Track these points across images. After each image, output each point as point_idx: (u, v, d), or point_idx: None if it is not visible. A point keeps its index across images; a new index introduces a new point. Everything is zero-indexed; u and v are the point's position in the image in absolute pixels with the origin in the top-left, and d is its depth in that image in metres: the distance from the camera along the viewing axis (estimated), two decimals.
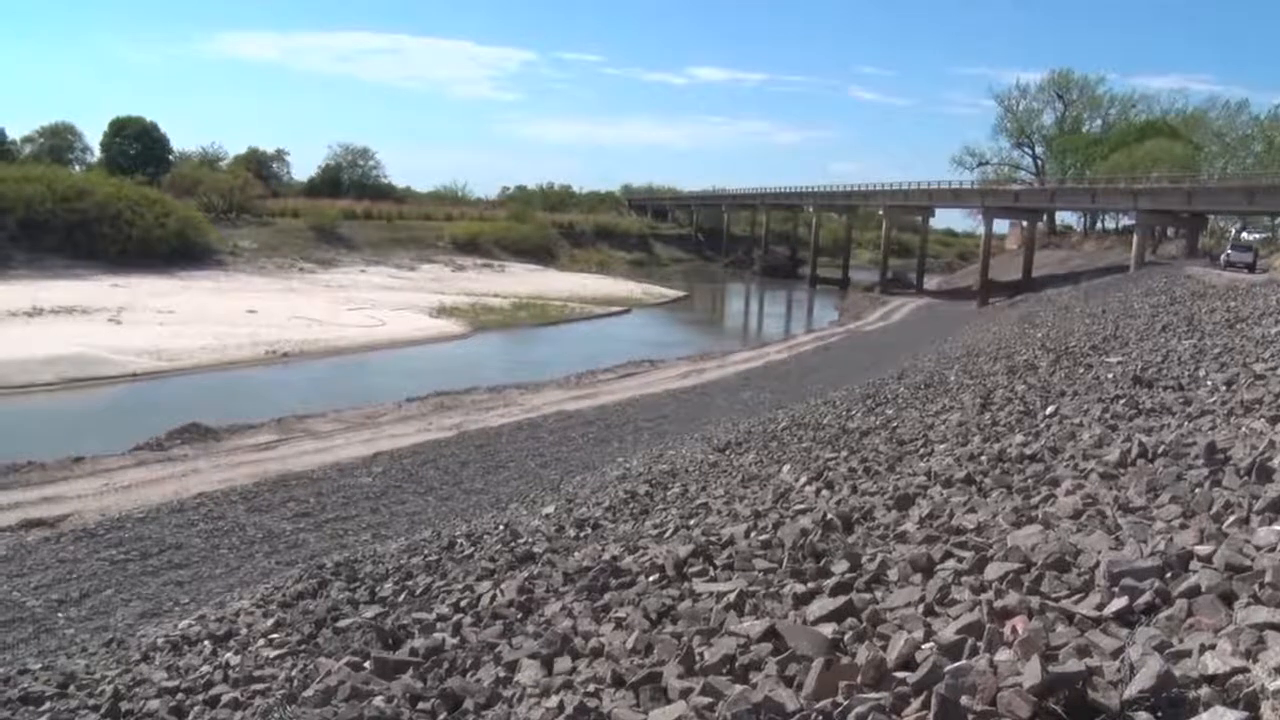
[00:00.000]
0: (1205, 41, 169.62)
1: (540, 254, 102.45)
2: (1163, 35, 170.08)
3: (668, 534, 11.35)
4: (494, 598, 9.88)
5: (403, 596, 11.43)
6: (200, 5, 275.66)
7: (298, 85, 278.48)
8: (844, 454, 15.08)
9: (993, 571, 6.13)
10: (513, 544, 13.25)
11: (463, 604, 10.16)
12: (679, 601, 7.60)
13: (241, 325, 46.14)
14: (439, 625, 9.32)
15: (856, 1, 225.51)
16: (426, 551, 14.31)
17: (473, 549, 13.75)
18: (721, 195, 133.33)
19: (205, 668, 10.37)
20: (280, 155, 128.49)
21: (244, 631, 11.56)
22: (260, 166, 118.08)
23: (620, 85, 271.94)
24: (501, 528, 15.13)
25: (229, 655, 10.58)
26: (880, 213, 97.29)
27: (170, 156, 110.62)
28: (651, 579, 8.58)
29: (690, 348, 49.53)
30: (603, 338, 53.46)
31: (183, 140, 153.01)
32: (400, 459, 23.82)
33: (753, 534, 9.48)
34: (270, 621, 11.63)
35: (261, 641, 10.79)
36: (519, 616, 8.91)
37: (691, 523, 11.81)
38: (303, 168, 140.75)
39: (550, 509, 16.48)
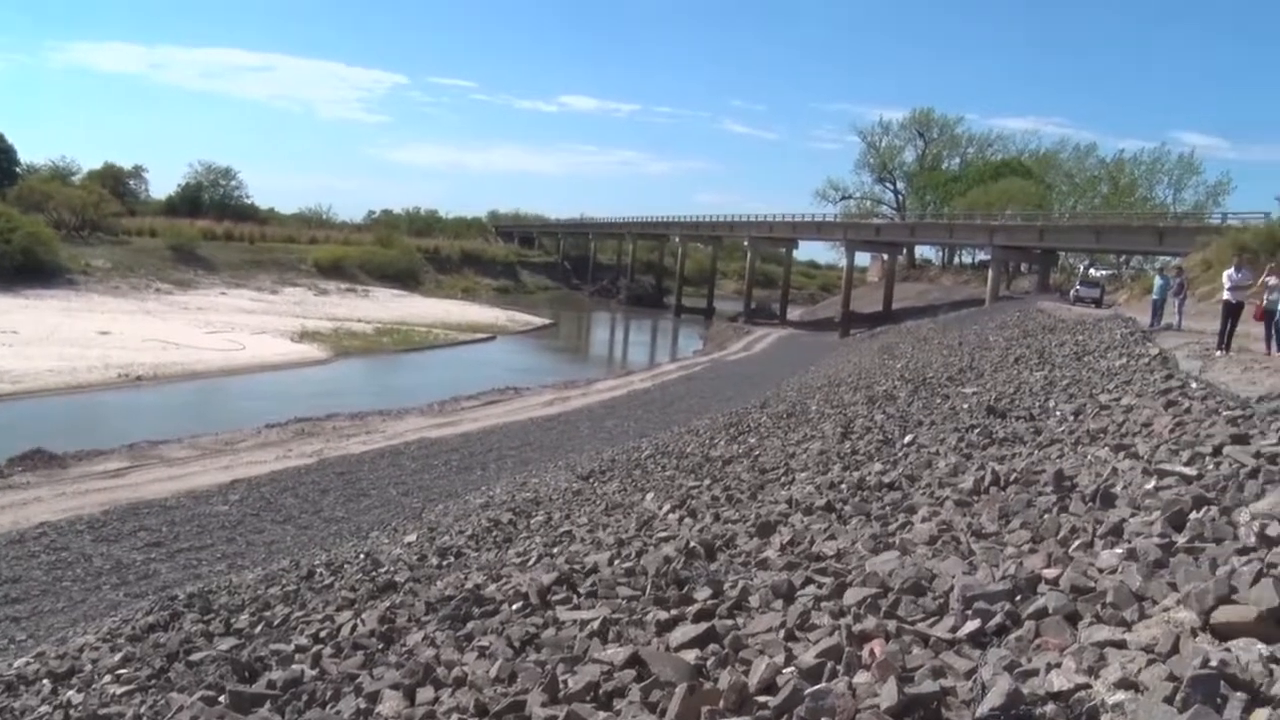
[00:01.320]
0: (1058, 87, 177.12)
1: (406, 279, 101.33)
2: (1019, 80, 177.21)
3: (531, 562, 11.30)
4: (355, 628, 9.68)
5: (260, 628, 11.13)
6: (54, 12, 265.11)
7: (161, 100, 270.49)
8: (707, 482, 15.20)
9: (852, 596, 6.24)
10: (374, 573, 13.03)
11: (322, 635, 9.93)
12: (543, 629, 7.56)
13: (93, 347, 44.52)
14: (298, 657, 9.08)
15: (728, 36, 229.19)
16: (285, 581, 13.96)
17: (333, 578, 13.48)
18: (589, 224, 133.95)
19: (44, 708, 9.87)
20: (138, 171, 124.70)
21: (88, 668, 11.06)
22: (116, 183, 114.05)
23: (491, 112, 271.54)
24: (362, 557, 14.86)
25: (71, 694, 10.10)
26: (745, 243, 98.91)
27: (17, 169, 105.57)
28: (515, 607, 8.52)
29: (555, 375, 49.53)
30: (468, 364, 53.04)
31: (32, 153, 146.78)
32: (258, 487, 23.24)
33: (616, 562, 9.50)
34: (118, 656, 11.17)
35: (108, 678, 10.34)
36: (380, 646, 8.75)
37: (555, 550, 11.78)
38: (162, 186, 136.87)
39: (412, 537, 16.26)
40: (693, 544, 9.32)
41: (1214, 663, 3.82)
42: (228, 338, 52.39)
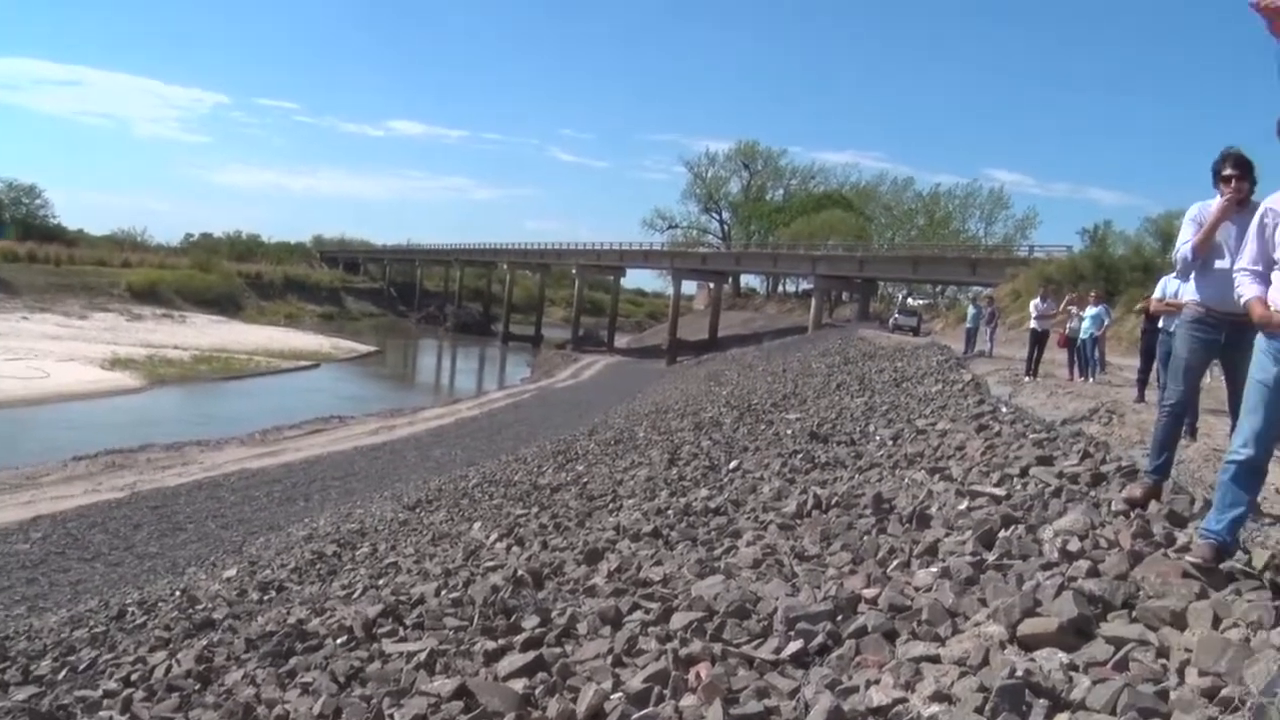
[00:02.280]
0: (877, 123, 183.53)
1: (226, 305, 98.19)
2: (840, 115, 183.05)
3: (356, 594, 11.04)
4: (169, 668, 9.27)
5: (63, 674, 10.53)
6: None
7: None
8: (535, 510, 15.13)
9: (678, 621, 6.29)
10: (190, 610, 12.52)
11: (134, 678, 9.46)
12: (368, 663, 7.39)
13: None
14: (106, 703, 8.63)
15: (557, 64, 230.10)
16: (92, 623, 13.28)
17: (146, 617, 12.89)
18: (416, 250, 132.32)
19: None
20: None
21: None
22: None
23: (316, 134, 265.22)
24: (178, 593, 14.28)
25: None
26: (573, 271, 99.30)
27: None
28: (339, 641, 8.31)
29: (382, 403, 48.65)
30: (291, 392, 51.65)
31: None
32: (64, 522, 22.08)
33: (443, 592, 9.36)
34: None
35: None
36: (197, 687, 8.40)
37: (381, 582, 11.54)
38: None
39: (232, 572, 15.71)
40: (520, 572, 9.26)
41: (1020, 672, 4.00)
42: (30, 365, 49.71)
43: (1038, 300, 23.25)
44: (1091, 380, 19.84)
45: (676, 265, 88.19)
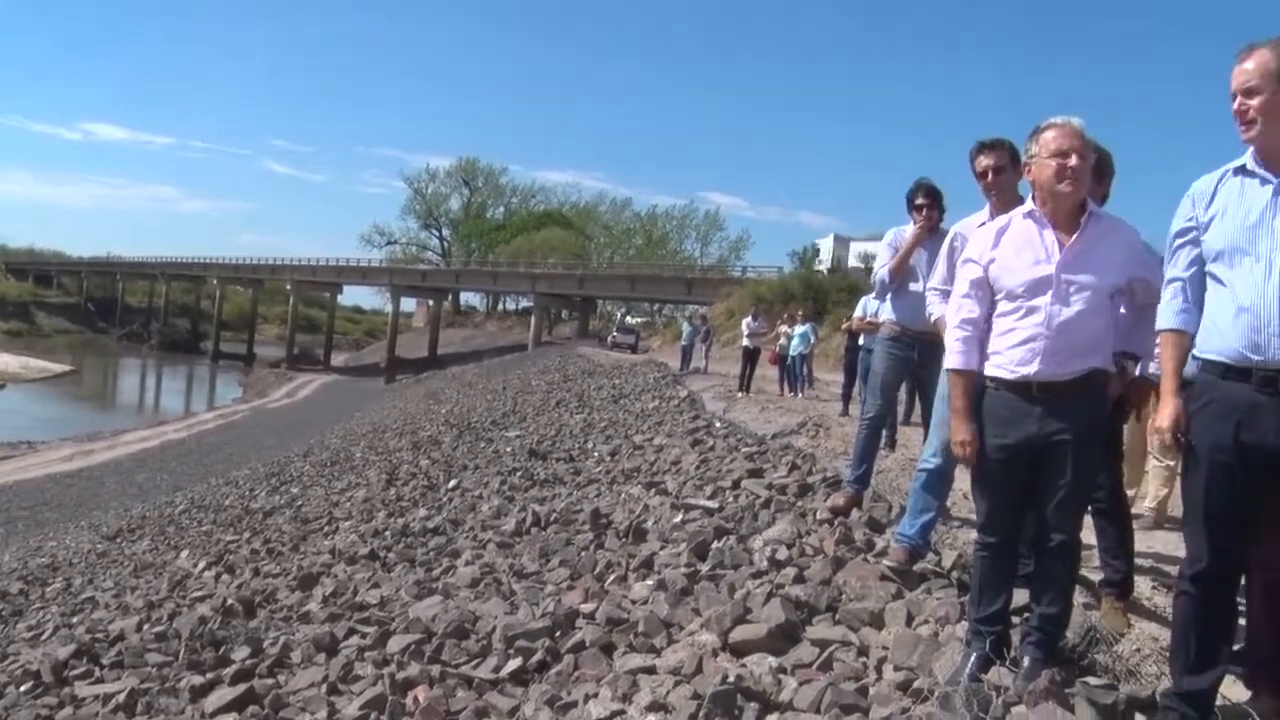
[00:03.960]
0: (597, 144, 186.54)
1: None
2: (560, 135, 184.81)
3: (45, 635, 10.26)
4: None
5: None
6: None
7: None
8: (246, 535, 14.55)
9: (395, 644, 6.19)
10: None
11: None
12: (58, 710, 6.89)
13: None
14: None
15: (269, 72, 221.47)
16: None
17: None
18: (117, 263, 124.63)
19: None
20: None
21: None
22: None
23: (1, 134, 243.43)
24: None
25: None
26: (288, 287, 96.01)
27: None
28: (24, 689, 7.69)
29: (78, 426, 45.49)
30: None
31: None
32: None
33: (146, 627, 8.86)
34: None
35: None
36: None
37: (75, 620, 10.79)
38: None
39: None
40: (230, 601, 8.89)
41: (731, 678, 4.13)
42: None
43: (750, 319, 24.18)
44: (800, 395, 20.77)
45: (395, 282, 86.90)
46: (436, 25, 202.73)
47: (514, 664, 5.36)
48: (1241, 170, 3.35)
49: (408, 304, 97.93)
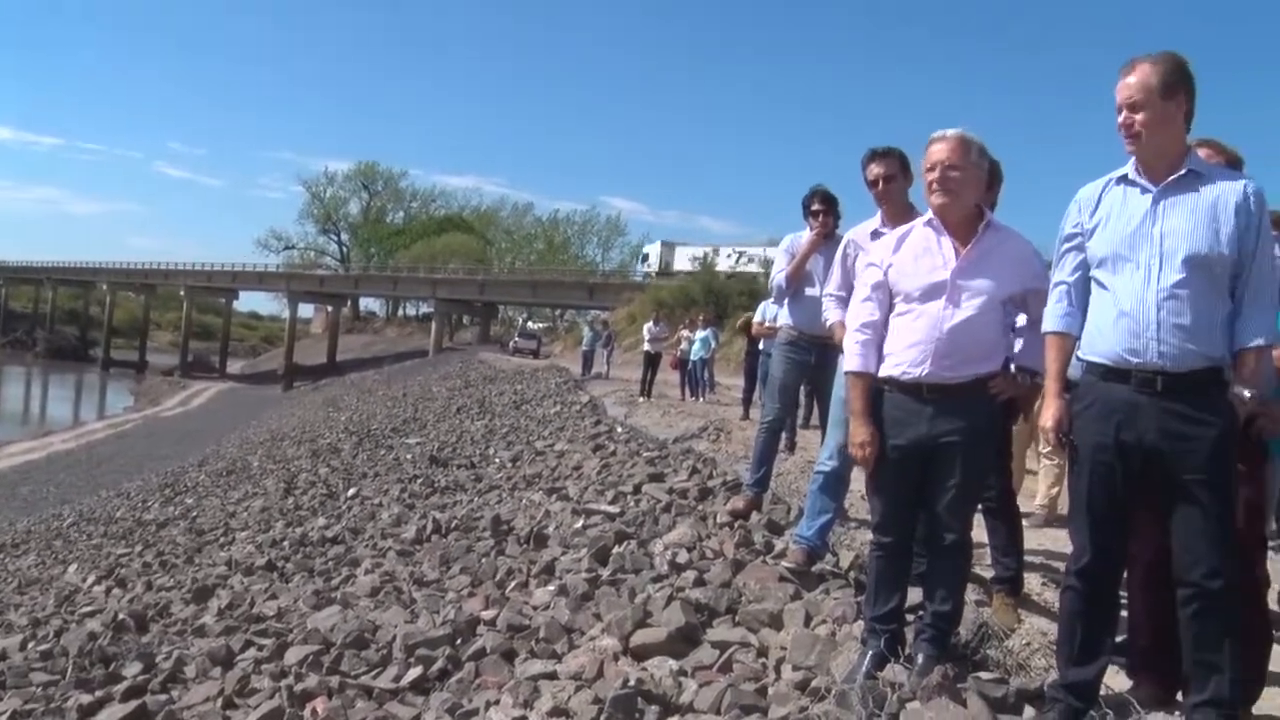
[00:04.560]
0: (499, 148, 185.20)
1: None
2: (461, 139, 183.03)
3: None
4: None
5: None
6: None
7: None
8: (139, 548, 14.21)
9: (293, 656, 6.11)
10: None
11: None
12: None
13: None
14: None
15: (164, 72, 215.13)
16: None
17: None
18: (0, 267, 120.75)
19: None
20: None
21: None
22: None
23: None
24: None
25: None
26: (182, 293, 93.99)
27: None
28: None
29: None
30: None
31: None
32: None
33: (31, 645, 8.61)
34: None
35: None
36: None
37: None
38: None
39: None
40: (122, 616, 8.68)
41: (632, 682, 4.15)
42: None
43: (651, 324, 24.30)
44: (702, 400, 20.91)
45: (293, 287, 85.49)
46: (329, 28, 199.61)
47: (414, 673, 5.32)
48: (1124, 179, 3.47)
49: (305, 310, 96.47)
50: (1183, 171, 3.38)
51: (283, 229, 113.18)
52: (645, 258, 72.01)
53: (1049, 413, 3.49)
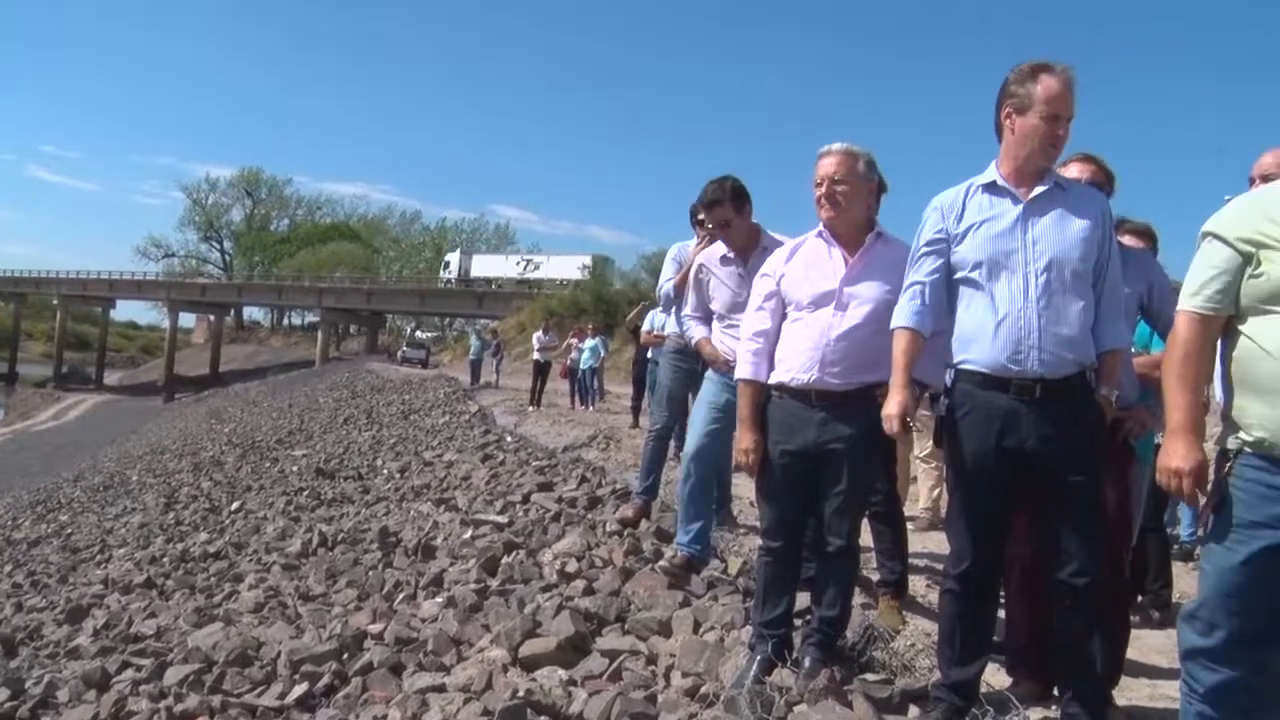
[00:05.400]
0: (385, 156, 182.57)
1: None
2: (348, 146, 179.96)
3: None
4: None
5: None
6: None
7: None
8: (9, 568, 13.73)
9: (173, 676, 5.95)
10: None
11: None
12: None
13: None
14: None
15: (38, 73, 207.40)
16: None
17: None
18: None
19: None
20: None
21: None
22: None
23: None
24: None
25: None
26: (55, 302, 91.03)
27: None
28: None
29: None
30: None
31: None
32: None
33: None
34: None
35: None
36: None
37: None
38: None
39: None
40: None
41: (521, 693, 4.13)
42: None
43: (540, 333, 24.24)
44: (591, 408, 20.92)
45: (173, 296, 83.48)
46: (210, 30, 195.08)
47: (300, 689, 5.21)
48: (991, 187, 3.54)
49: (187, 319, 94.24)
50: (1049, 185, 3.49)
51: (163, 236, 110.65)
52: (447, 265, 75.40)
53: (893, 402, 3.54)
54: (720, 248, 5.48)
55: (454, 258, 75.89)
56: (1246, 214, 2.84)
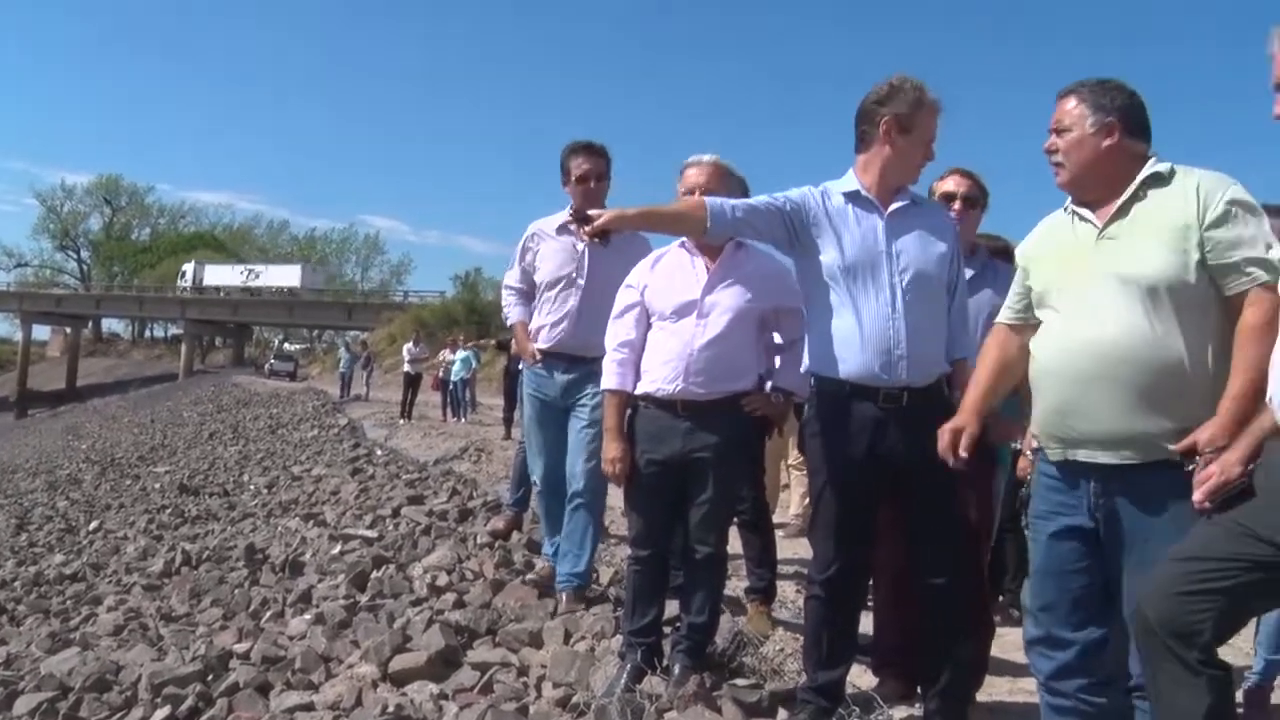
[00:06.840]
0: (252, 164, 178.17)
1: None
2: (213, 154, 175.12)
3: None
4: None
5: None
6: None
7: None
8: None
9: (24, 705, 5.70)
10: None
11: None
12: None
13: None
14: None
15: None
16: None
17: None
18: None
19: None
20: None
21: None
22: None
23: None
24: None
25: None
26: None
27: None
28: None
29: None
30: None
31: None
32: None
33: None
34: None
35: None
36: None
37: None
38: None
39: None
40: None
41: (391, 708, 4.09)
42: None
43: (411, 344, 24.04)
44: (463, 420, 20.82)
45: (26, 308, 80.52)
46: (63, 32, 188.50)
47: (162, 713, 5.06)
48: (854, 196, 3.61)
49: (41, 332, 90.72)
50: (907, 201, 3.61)
51: (14, 245, 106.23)
52: (183, 274, 77.99)
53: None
54: (561, 216, 5.22)
55: (189, 268, 77.93)
56: (1028, 239, 3.25)
